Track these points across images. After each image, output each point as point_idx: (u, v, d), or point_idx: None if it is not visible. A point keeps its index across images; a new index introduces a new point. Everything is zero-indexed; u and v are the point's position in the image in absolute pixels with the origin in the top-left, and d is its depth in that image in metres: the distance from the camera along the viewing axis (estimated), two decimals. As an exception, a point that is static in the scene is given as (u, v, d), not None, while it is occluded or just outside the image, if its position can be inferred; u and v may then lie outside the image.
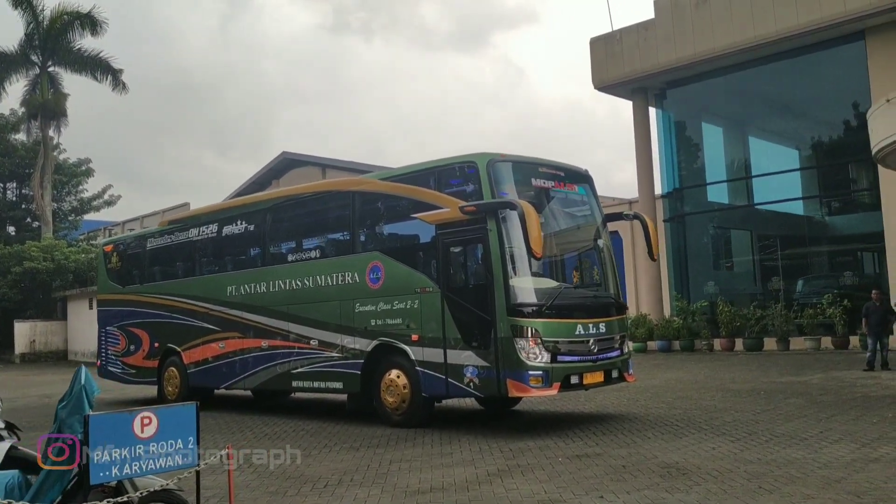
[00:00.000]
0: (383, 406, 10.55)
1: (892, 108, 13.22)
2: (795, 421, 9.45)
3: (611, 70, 26.24)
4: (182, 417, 4.29)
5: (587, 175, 11.01)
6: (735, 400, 11.69)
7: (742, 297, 24.78)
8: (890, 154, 13.88)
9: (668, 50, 24.59)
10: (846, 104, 23.40)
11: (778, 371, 15.99)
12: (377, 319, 10.62)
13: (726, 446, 7.97)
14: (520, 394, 9.39)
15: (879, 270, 22.86)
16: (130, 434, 4.02)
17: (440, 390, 9.92)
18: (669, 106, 26.93)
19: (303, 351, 11.74)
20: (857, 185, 24.81)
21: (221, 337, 13.32)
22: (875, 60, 21.12)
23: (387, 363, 10.55)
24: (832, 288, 22.50)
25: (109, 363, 16.28)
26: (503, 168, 9.79)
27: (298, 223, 12.85)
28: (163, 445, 4.14)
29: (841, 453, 7.40)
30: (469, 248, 9.83)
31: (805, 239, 25.31)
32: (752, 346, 21.94)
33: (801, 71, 23.77)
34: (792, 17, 21.60)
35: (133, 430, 4.05)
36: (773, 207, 25.79)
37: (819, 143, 25.40)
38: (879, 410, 10.09)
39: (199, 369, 13.77)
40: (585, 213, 10.95)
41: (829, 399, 11.38)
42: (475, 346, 9.49)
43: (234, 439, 9.92)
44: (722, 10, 23.27)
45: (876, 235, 21.66)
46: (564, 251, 10.96)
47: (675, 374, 16.34)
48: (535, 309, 9.27)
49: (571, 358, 9.42)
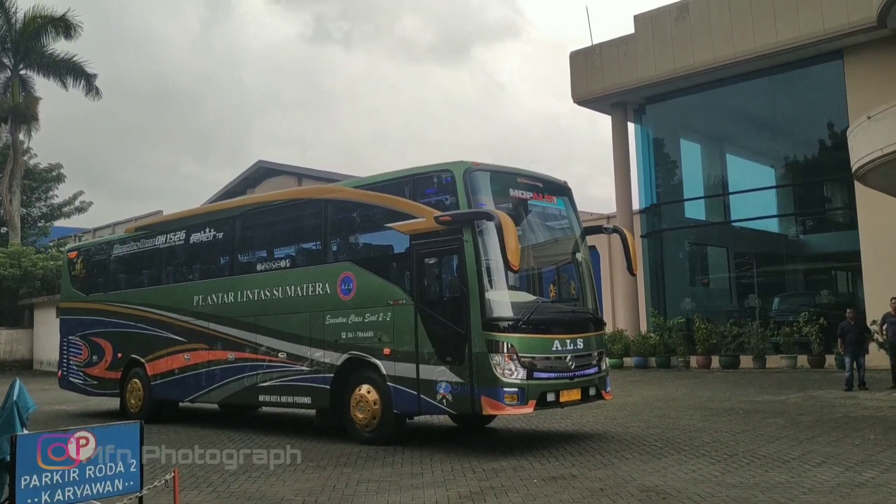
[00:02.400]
0: (353, 422, 10.18)
1: (873, 125, 13.14)
2: (776, 442, 9.21)
3: (590, 84, 26.19)
4: (124, 437, 3.92)
5: (566, 187, 10.75)
6: (714, 419, 11.45)
7: (718, 313, 24.71)
8: (870, 171, 13.80)
9: (648, 65, 24.58)
10: (823, 123, 23.49)
11: (755, 389, 15.81)
12: (348, 332, 10.26)
13: (707, 468, 7.70)
14: (494, 411, 9.06)
15: (855, 289, 22.87)
16: (65, 456, 3.64)
17: (412, 407, 9.57)
18: (648, 121, 26.90)
19: (271, 364, 11.34)
20: (833, 203, 24.88)
21: (187, 348, 12.87)
22: (853, 80, 21.19)
23: (357, 378, 10.19)
24: (808, 306, 22.46)
25: (71, 374, 15.74)
26: (480, 177, 9.50)
27: (268, 231, 12.46)
28: (101, 469, 3.78)
29: (825, 477, 7.15)
30: (444, 259, 9.51)
31: (781, 257, 25.31)
32: (729, 364, 21.81)
33: (779, 89, 23.84)
34: (771, 35, 21.65)
35: (68, 451, 3.68)
36: (750, 225, 25.82)
37: (795, 161, 25.46)
38: (861, 432, 9.89)
39: (163, 381, 13.30)
40: (564, 226, 10.69)
41: (809, 419, 11.17)
42: (449, 361, 9.15)
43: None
44: (701, 26, 23.29)
45: (852, 254, 21.66)
46: (542, 264, 10.67)
47: (653, 392, 16.11)
48: (512, 323, 8.96)
49: (548, 375, 9.12)
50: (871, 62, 20.67)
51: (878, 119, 13.11)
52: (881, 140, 12.93)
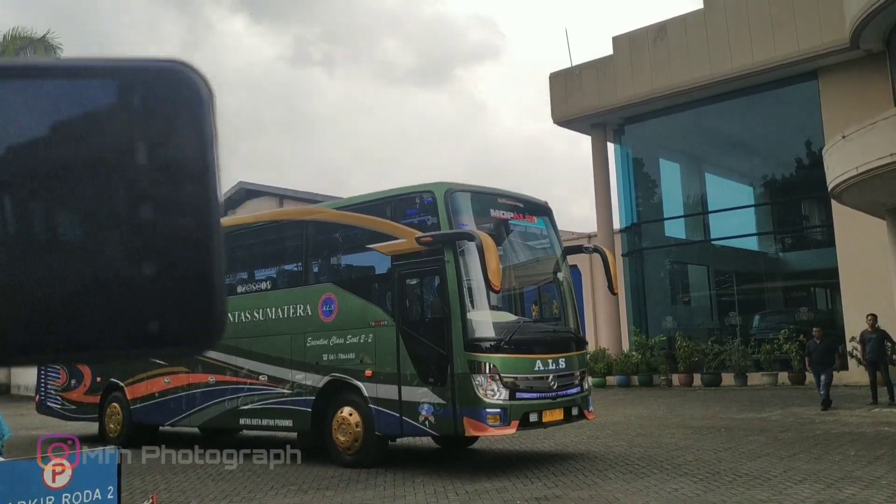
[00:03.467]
0: (335, 445, 10.10)
1: (848, 145, 13.32)
2: (758, 460, 9.24)
3: (570, 105, 26.37)
4: (101, 465, 3.85)
5: (547, 207, 10.80)
6: (696, 437, 11.48)
7: (700, 331, 24.80)
8: (846, 190, 13.96)
9: (627, 86, 24.80)
10: (799, 142, 23.77)
11: (737, 407, 15.87)
12: (329, 354, 10.21)
13: (689, 487, 7.71)
14: (477, 433, 9.04)
15: (834, 306, 23.06)
16: (40, 484, 3.59)
17: (394, 429, 9.52)
18: (627, 141, 27.10)
19: (252, 387, 11.24)
20: (811, 221, 25.13)
21: (167, 371, 12.73)
22: (827, 99, 21.49)
23: (339, 400, 10.13)
24: (788, 323, 22.60)
25: (49, 398, 15.51)
26: (461, 198, 9.53)
27: (249, 253, 12.39)
28: (77, 496, 3.71)
29: (806, 494, 7.19)
30: (425, 280, 9.52)
31: (761, 274, 25.49)
32: (710, 382, 21.87)
33: (756, 109, 24.12)
34: (747, 56, 21.94)
35: (43, 479, 3.61)
36: (729, 243, 25.98)
37: (773, 180, 25.72)
38: (841, 448, 9.95)
39: (143, 405, 13.14)
40: (545, 246, 10.74)
41: (789, 436, 11.22)
42: (431, 382, 9.13)
43: (174, 481, 9.37)
44: (679, 48, 23.57)
45: (830, 271, 21.85)
46: (523, 284, 10.71)
47: (635, 411, 16.12)
48: (494, 344, 8.97)
49: (530, 395, 9.12)
50: (845, 82, 20.98)
51: (853, 138, 13.29)
52: (856, 159, 13.10)
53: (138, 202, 0.63)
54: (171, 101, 0.64)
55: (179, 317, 0.64)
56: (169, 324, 0.64)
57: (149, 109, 0.64)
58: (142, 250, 0.63)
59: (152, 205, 0.63)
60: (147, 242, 0.63)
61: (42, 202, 0.62)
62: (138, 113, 0.64)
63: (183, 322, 0.64)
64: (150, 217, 0.63)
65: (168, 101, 0.64)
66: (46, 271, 0.62)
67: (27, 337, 0.62)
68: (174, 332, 0.64)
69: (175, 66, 0.65)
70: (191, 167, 0.64)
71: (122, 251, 0.63)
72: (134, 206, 0.63)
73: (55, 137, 0.62)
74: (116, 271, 0.63)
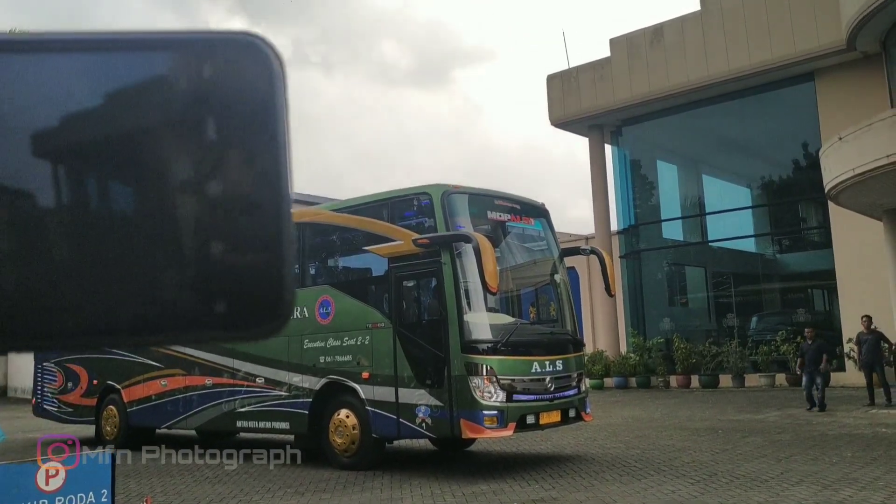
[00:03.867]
0: (331, 447, 10.08)
1: (845, 146, 13.34)
2: (755, 461, 9.23)
3: (567, 107, 26.39)
4: (95, 467, 3.84)
5: (544, 209, 10.80)
6: (693, 439, 11.47)
7: (697, 333, 24.82)
8: (843, 191, 13.98)
9: (624, 88, 24.83)
10: (797, 143, 23.80)
11: (734, 408, 15.87)
12: (326, 356, 10.20)
13: (686, 489, 7.70)
14: (474, 435, 9.03)
15: (831, 307, 23.08)
16: (32, 487, 3.57)
17: (391, 431, 9.51)
18: (625, 143, 27.13)
19: (248, 389, 11.22)
20: (808, 223, 25.17)
21: (164, 374, 12.71)
22: (824, 101, 21.53)
23: (336, 402, 10.11)
24: (786, 325, 22.62)
25: (45, 401, 15.48)
26: (458, 200, 9.53)
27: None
28: (71, 500, 3.69)
29: (803, 495, 7.18)
30: (422, 282, 9.51)
31: (758, 276, 25.52)
32: (708, 383, 21.89)
33: (752, 110, 24.15)
34: (744, 58, 21.98)
35: (36, 482, 3.60)
36: (727, 245, 26.02)
37: (770, 181, 25.77)
38: (838, 450, 9.95)
39: (139, 408, 13.11)
40: (542, 248, 10.73)
41: (787, 438, 11.22)
42: (428, 384, 9.12)
43: (170, 484, 9.35)
44: (676, 50, 23.60)
45: (827, 273, 21.89)
46: (520, 286, 10.70)
47: (633, 412, 16.11)
48: (491, 346, 8.96)
49: (528, 397, 9.11)
50: (842, 84, 21.03)
51: (849, 140, 13.32)
52: (853, 160, 13.13)
53: (207, 177, 0.61)
54: (242, 74, 0.63)
55: (248, 299, 0.61)
56: (236, 307, 0.61)
57: (219, 82, 0.62)
58: (211, 228, 0.61)
59: (221, 181, 0.61)
60: (216, 220, 0.61)
61: (110, 178, 0.61)
62: (209, 86, 0.62)
63: (251, 305, 0.62)
64: (219, 193, 0.61)
65: (239, 74, 0.63)
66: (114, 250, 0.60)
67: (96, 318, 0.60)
68: (241, 316, 0.62)
69: (246, 38, 0.64)
70: (262, 142, 0.62)
71: (191, 230, 0.61)
72: (202, 182, 0.61)
73: (124, 112, 0.61)
74: (184, 250, 0.61)
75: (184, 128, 0.61)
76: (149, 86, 0.62)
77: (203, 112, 0.61)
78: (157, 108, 0.61)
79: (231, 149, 0.62)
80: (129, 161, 0.61)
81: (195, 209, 0.61)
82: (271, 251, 0.62)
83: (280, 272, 0.62)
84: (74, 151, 0.61)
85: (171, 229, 0.60)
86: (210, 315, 0.61)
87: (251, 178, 0.62)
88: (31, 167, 0.60)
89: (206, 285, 0.61)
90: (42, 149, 0.60)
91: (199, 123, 0.61)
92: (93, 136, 0.61)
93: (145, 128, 0.61)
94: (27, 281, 0.59)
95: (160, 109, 0.61)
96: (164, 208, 0.61)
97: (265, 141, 0.62)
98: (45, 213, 0.60)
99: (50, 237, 0.60)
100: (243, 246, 0.61)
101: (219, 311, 0.61)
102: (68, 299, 0.59)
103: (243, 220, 0.61)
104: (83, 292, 0.59)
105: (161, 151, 0.61)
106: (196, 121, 0.61)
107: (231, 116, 0.62)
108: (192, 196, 0.61)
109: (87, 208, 0.61)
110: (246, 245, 0.62)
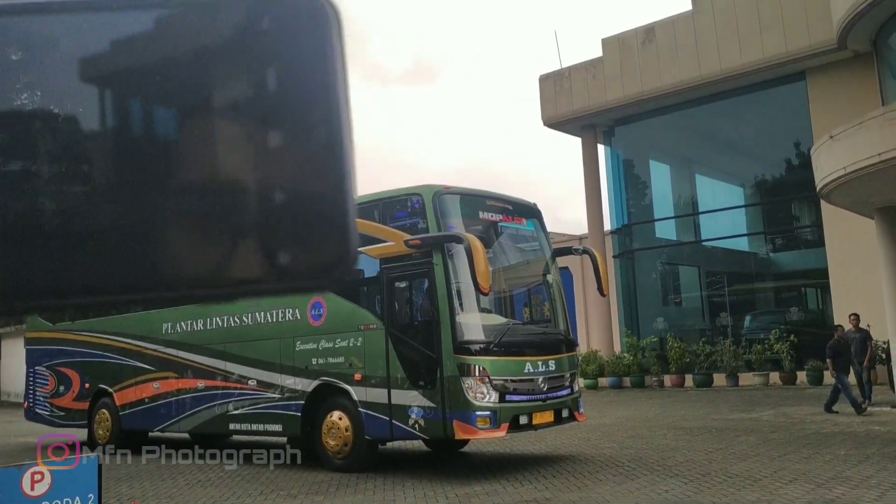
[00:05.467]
0: (324, 449, 10.05)
1: (836, 145, 13.34)
2: (748, 460, 9.23)
3: (560, 107, 26.39)
4: (81, 472, 3.81)
5: (536, 209, 10.79)
6: (687, 438, 11.47)
7: (691, 332, 24.84)
8: (834, 190, 13.98)
9: (616, 87, 24.84)
10: (789, 142, 23.86)
11: (728, 407, 15.88)
12: (319, 358, 10.17)
13: (680, 488, 7.69)
14: (467, 436, 9.02)
15: (824, 306, 23.13)
16: (17, 492, 3.53)
17: (384, 432, 9.48)
18: (618, 143, 27.15)
19: (241, 392, 11.19)
20: (801, 222, 25.21)
21: (156, 377, 12.67)
22: (816, 100, 21.58)
23: (328, 404, 10.08)
24: (779, 323, 22.66)
25: (37, 405, 15.41)
26: (450, 201, 9.51)
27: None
28: (57, 504, 3.66)
29: (796, 494, 7.18)
30: (414, 283, 9.49)
31: (751, 275, 25.56)
32: (702, 382, 21.90)
33: (745, 110, 24.19)
34: (735, 57, 22.01)
35: (21, 487, 3.56)
36: (720, 244, 26.04)
37: (763, 180, 25.82)
38: (831, 448, 9.95)
39: (132, 411, 13.06)
40: (534, 248, 10.73)
41: (780, 437, 11.23)
42: (421, 385, 9.09)
43: (162, 487, 9.31)
44: (668, 49, 23.62)
45: (820, 271, 21.93)
46: (513, 287, 10.69)
47: (627, 412, 16.11)
48: (483, 346, 8.94)
49: (520, 397, 9.10)
50: (833, 83, 21.08)
51: (840, 138, 13.31)
52: (844, 159, 13.12)
53: (268, 128, 0.61)
54: (300, 27, 0.63)
55: (313, 246, 0.62)
56: (303, 254, 0.61)
57: (279, 34, 0.62)
58: (273, 177, 0.61)
59: (282, 131, 0.61)
60: (279, 169, 0.61)
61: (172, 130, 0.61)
62: (268, 38, 0.62)
63: (317, 251, 0.62)
64: (280, 143, 0.61)
65: (298, 27, 0.63)
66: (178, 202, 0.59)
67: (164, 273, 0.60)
68: (308, 263, 0.62)
69: None
70: (321, 92, 0.62)
71: (255, 179, 0.61)
72: (264, 132, 0.61)
73: (186, 64, 0.61)
74: (249, 200, 0.60)
75: (244, 79, 0.62)
76: (210, 38, 0.62)
77: (263, 63, 0.62)
78: (219, 61, 0.62)
79: (291, 99, 0.62)
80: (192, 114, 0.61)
81: (258, 160, 0.61)
82: (335, 196, 0.62)
83: (345, 216, 0.62)
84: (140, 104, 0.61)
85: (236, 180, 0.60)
86: (277, 265, 0.61)
87: (311, 127, 0.62)
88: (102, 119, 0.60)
89: (271, 235, 0.61)
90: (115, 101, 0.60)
91: (259, 75, 0.62)
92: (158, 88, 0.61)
93: (207, 80, 0.61)
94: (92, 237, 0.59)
95: (222, 62, 0.62)
96: (229, 160, 0.61)
97: (324, 90, 0.62)
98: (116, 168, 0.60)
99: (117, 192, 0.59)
100: (307, 195, 0.62)
101: (284, 261, 0.61)
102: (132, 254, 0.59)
103: (306, 167, 0.62)
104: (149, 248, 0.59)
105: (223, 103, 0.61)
106: (256, 72, 0.62)
107: (290, 67, 0.62)
108: (255, 147, 0.61)
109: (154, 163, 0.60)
110: (310, 192, 0.62)
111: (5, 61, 0.58)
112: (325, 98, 0.62)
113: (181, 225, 0.59)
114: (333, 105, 0.62)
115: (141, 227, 0.59)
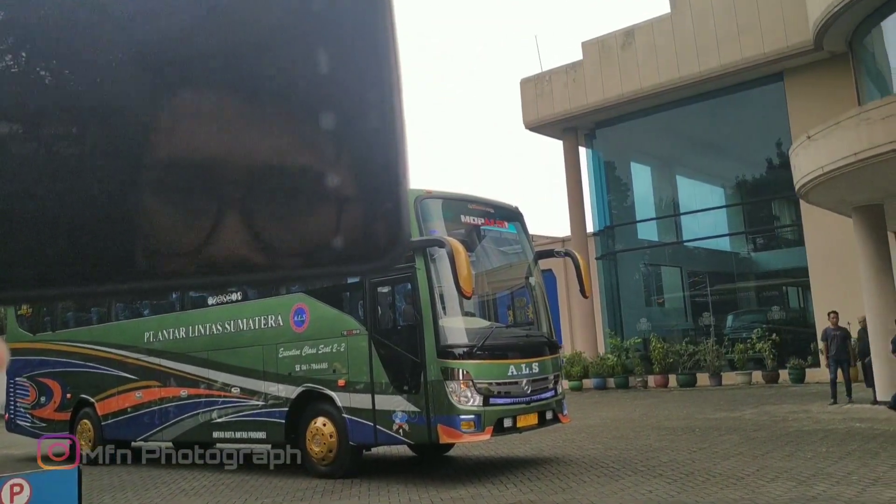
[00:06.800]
0: (309, 456, 10.02)
1: (813, 145, 13.48)
2: (731, 459, 9.29)
3: (541, 110, 26.47)
4: (61, 483, 3.78)
5: (518, 212, 10.82)
6: (671, 438, 11.53)
7: (674, 333, 24.97)
8: (813, 189, 14.12)
9: (596, 90, 24.95)
10: (768, 143, 24.06)
11: (712, 407, 15.97)
12: (302, 364, 10.14)
13: (663, 488, 7.73)
14: (451, 440, 9.02)
15: (805, 304, 23.33)
16: (-3, 506, 3.50)
17: (368, 438, 9.47)
18: (599, 145, 27.27)
19: (225, 400, 11.13)
20: (781, 221, 25.42)
21: (138, 386, 12.57)
22: (793, 100, 21.79)
23: (312, 411, 10.05)
24: (761, 322, 22.83)
25: (18, 416, 15.25)
26: (432, 205, 9.52)
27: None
28: (37, 517, 3.62)
29: (778, 492, 7.23)
30: (397, 288, 9.49)
31: (733, 275, 25.73)
32: (686, 382, 22.02)
33: (724, 111, 24.37)
34: (714, 59, 22.18)
35: (0, 499, 3.53)
36: (702, 244, 26.22)
37: (743, 181, 26.01)
38: (812, 445, 10.04)
39: (114, 421, 12.95)
40: (517, 251, 10.75)
41: (763, 435, 11.31)
42: (404, 390, 9.09)
43: (146, 497, 9.24)
44: (647, 52, 23.76)
45: (800, 270, 22.13)
46: (496, 290, 10.71)
47: (611, 413, 16.17)
48: (466, 350, 8.95)
49: (504, 400, 9.11)
50: (811, 83, 21.28)
51: (818, 138, 13.45)
52: (821, 158, 13.26)
53: (320, 109, 0.61)
54: (353, 7, 0.62)
55: (369, 228, 0.61)
56: (357, 236, 0.61)
57: (331, 16, 0.61)
58: (328, 160, 0.60)
59: (335, 112, 0.61)
60: (331, 150, 0.61)
61: (219, 110, 0.60)
62: (318, 19, 0.61)
63: (372, 233, 0.62)
64: (332, 126, 0.61)
65: (350, 7, 0.62)
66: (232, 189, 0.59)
67: (215, 256, 0.59)
68: (362, 245, 0.61)
69: None
70: (374, 74, 0.61)
71: (306, 160, 0.60)
72: (315, 114, 0.60)
73: (236, 45, 0.60)
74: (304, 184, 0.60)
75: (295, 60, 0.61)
76: (258, 18, 0.61)
77: (313, 45, 0.61)
78: (269, 42, 0.61)
79: (343, 80, 0.61)
80: (240, 95, 0.60)
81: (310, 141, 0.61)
82: (389, 180, 0.62)
83: (398, 200, 0.62)
84: (187, 87, 0.60)
85: (287, 162, 0.60)
86: (331, 248, 0.61)
87: (364, 108, 0.62)
88: (138, 92, 0.58)
89: (326, 217, 0.60)
90: (156, 78, 0.59)
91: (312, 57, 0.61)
92: (203, 69, 0.60)
93: (256, 60, 0.60)
94: (138, 221, 0.58)
95: (273, 42, 0.61)
96: (278, 141, 0.60)
97: (377, 72, 0.62)
98: (165, 147, 0.58)
99: (165, 170, 0.58)
100: (362, 178, 0.61)
101: (337, 244, 0.61)
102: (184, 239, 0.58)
103: (361, 151, 0.61)
104: (198, 231, 0.58)
105: (273, 85, 0.60)
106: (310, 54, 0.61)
107: (343, 49, 0.61)
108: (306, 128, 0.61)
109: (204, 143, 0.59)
110: (365, 177, 0.61)
111: None
112: (379, 79, 0.62)
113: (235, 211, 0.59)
114: (387, 86, 0.62)
115: (193, 215, 0.58)
